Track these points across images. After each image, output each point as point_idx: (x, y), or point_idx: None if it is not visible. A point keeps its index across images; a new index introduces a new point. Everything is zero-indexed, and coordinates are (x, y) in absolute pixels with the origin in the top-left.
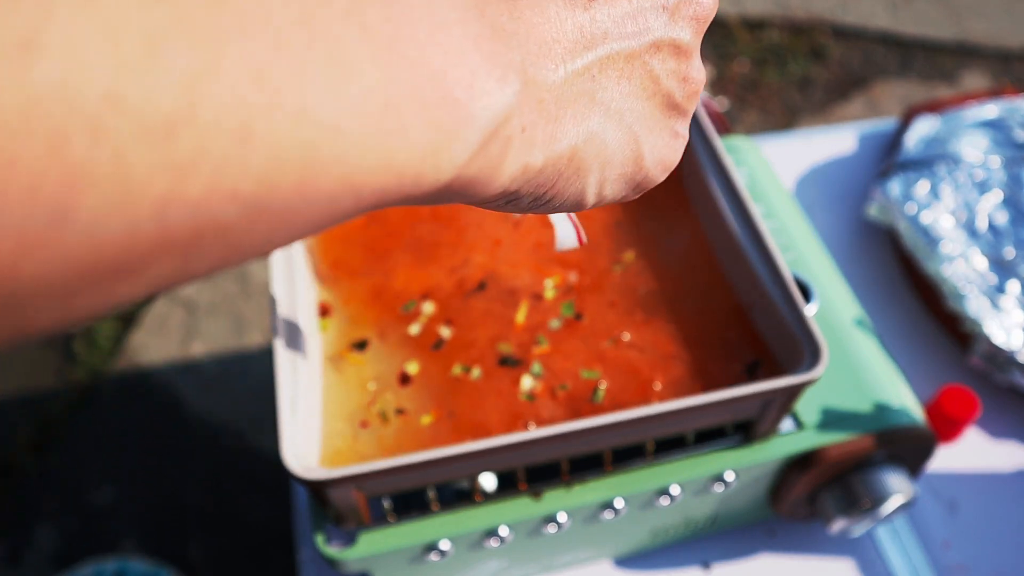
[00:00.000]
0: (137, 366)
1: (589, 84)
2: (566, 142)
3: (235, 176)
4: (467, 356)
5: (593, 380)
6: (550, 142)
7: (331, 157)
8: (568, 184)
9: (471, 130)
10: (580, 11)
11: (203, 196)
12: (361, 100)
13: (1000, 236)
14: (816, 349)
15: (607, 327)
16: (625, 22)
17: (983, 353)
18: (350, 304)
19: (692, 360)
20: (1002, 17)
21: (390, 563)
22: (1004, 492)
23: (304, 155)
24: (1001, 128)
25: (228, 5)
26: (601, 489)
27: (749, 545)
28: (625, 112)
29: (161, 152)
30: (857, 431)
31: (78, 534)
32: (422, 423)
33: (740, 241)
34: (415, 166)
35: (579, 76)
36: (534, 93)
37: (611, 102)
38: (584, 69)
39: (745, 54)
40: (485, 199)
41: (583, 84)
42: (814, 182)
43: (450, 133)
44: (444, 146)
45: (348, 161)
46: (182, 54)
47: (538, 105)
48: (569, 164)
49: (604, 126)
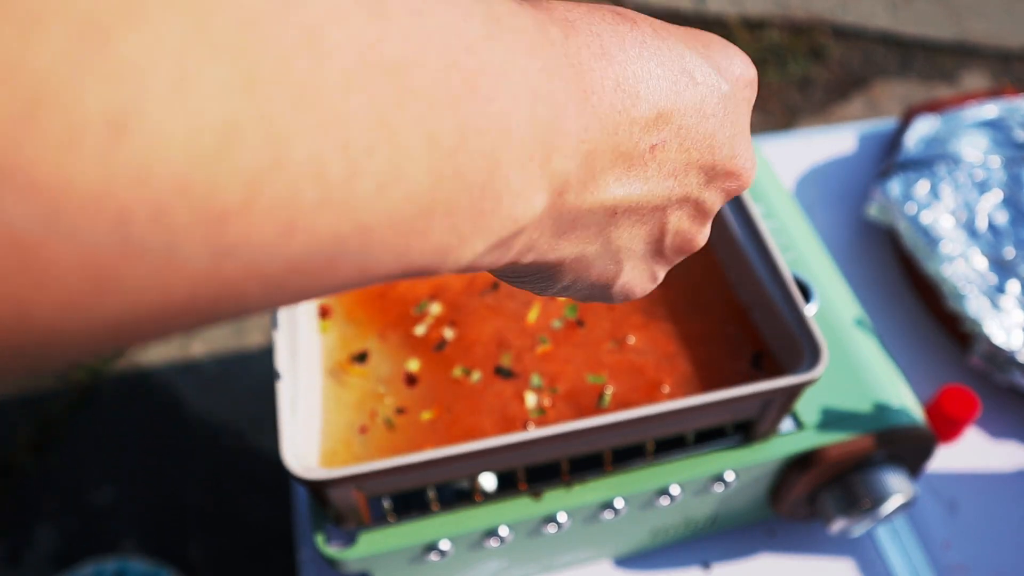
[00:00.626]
0: (137, 366)
1: (607, 220)
2: (557, 255)
3: (268, 262)
4: (469, 358)
5: (599, 385)
6: (545, 253)
7: (355, 249)
8: (538, 281)
9: (484, 237)
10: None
11: (235, 276)
12: (401, 204)
13: (1000, 236)
14: (816, 349)
15: (608, 328)
16: (669, 176)
17: (983, 353)
18: (351, 304)
19: (694, 360)
20: (1002, 17)
21: (390, 563)
22: (1004, 492)
23: (335, 249)
24: (1001, 128)
25: (307, 100)
26: (601, 489)
27: (749, 545)
28: (622, 249)
29: (210, 237)
30: (857, 431)
31: (78, 534)
32: (422, 419)
33: (740, 241)
34: (425, 262)
35: (604, 210)
36: (557, 210)
37: (617, 240)
38: (612, 207)
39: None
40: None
41: (602, 218)
42: (814, 182)
43: (466, 239)
44: (456, 249)
45: (368, 254)
46: (254, 149)
47: (554, 224)
48: (549, 268)
49: (598, 254)
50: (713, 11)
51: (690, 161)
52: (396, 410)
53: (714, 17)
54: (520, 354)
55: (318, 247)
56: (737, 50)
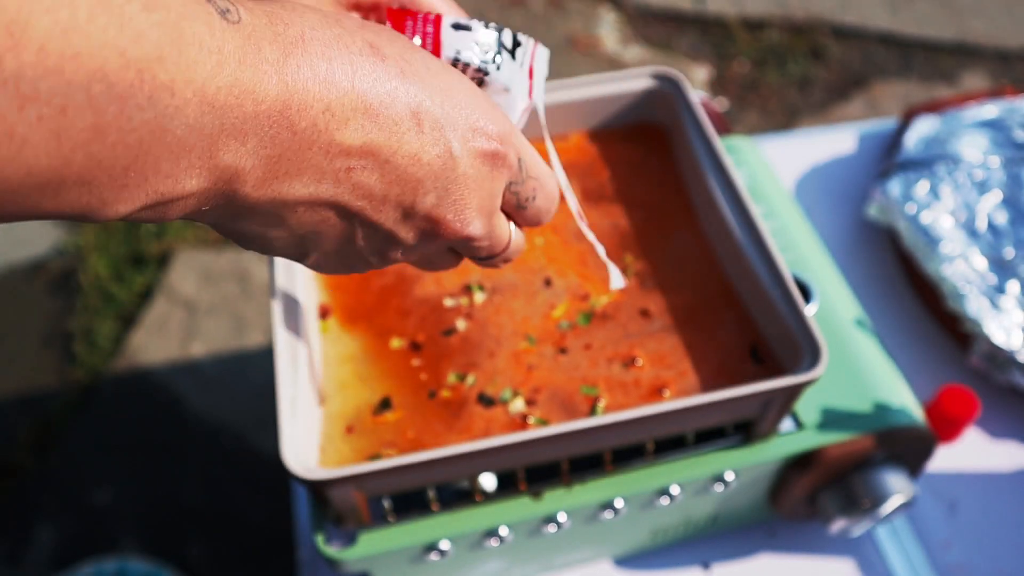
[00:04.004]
0: (137, 366)
1: (288, 212)
2: (237, 229)
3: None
4: (468, 361)
5: (592, 396)
6: (224, 224)
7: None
8: (233, 240)
9: (129, 204)
10: None
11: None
12: (21, 177)
13: (1000, 236)
14: (816, 349)
15: (609, 329)
16: (362, 198)
17: (983, 353)
18: (351, 304)
19: (694, 359)
20: (1002, 17)
21: (390, 563)
22: (1004, 492)
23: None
24: (1001, 128)
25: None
26: (601, 489)
27: (749, 545)
28: (307, 240)
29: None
30: (857, 431)
31: (78, 534)
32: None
33: (740, 241)
34: (70, 213)
35: (284, 205)
36: (228, 194)
37: (299, 230)
38: (292, 204)
39: (745, 54)
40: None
41: (284, 210)
42: (814, 182)
43: (108, 203)
44: (100, 209)
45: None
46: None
47: (227, 203)
48: (233, 235)
49: (281, 237)
50: (713, 11)
51: (388, 195)
52: (392, 409)
53: (714, 17)
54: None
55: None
56: (495, 130)
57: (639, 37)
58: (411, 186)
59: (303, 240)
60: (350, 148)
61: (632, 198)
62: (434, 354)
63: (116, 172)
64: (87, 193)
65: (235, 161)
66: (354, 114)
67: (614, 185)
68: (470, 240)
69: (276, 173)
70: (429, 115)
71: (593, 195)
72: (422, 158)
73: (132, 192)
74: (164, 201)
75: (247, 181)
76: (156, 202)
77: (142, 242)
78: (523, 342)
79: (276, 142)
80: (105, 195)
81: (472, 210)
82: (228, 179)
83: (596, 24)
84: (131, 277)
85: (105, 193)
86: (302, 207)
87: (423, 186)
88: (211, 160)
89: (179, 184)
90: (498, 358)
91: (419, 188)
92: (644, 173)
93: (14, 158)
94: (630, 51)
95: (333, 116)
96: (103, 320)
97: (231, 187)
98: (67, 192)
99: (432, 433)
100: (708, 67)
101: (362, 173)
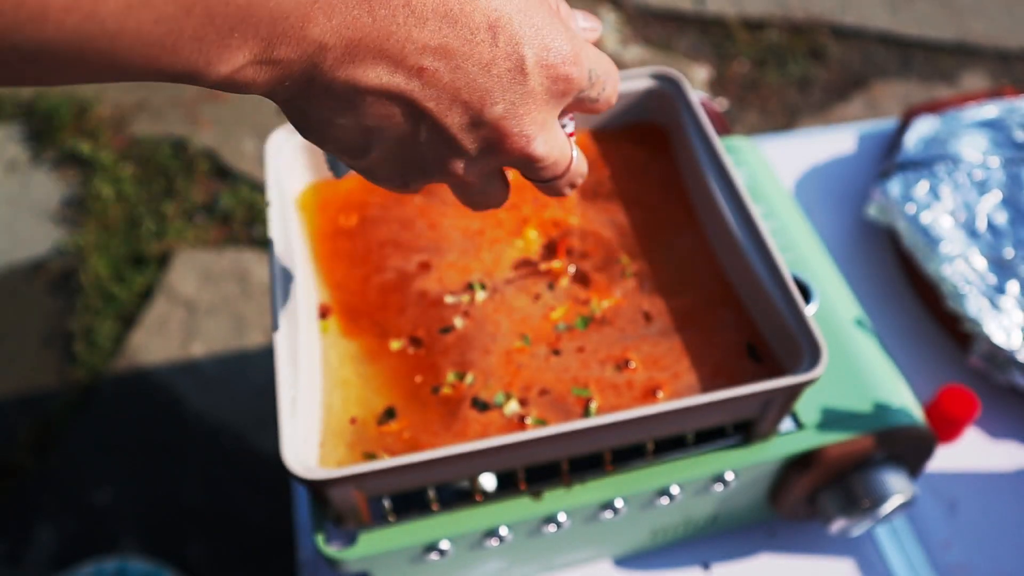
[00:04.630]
0: (137, 366)
1: (358, 98)
2: (306, 110)
3: (22, 40)
4: (465, 359)
5: (584, 398)
6: (296, 101)
7: (104, 48)
8: (297, 124)
9: (228, 66)
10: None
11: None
12: (149, 25)
13: (999, 236)
14: (816, 349)
15: (605, 334)
16: (430, 99)
17: (983, 353)
18: (351, 303)
19: (692, 360)
20: (1002, 17)
21: (390, 563)
22: (1004, 492)
23: (82, 43)
24: (1000, 128)
25: None
26: (601, 489)
27: (749, 545)
28: (373, 133)
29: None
30: (857, 431)
31: (78, 534)
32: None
33: (740, 241)
34: (177, 72)
35: (355, 90)
36: (309, 71)
37: (366, 121)
38: (363, 91)
39: (745, 54)
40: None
41: (354, 96)
42: (814, 182)
43: (212, 63)
44: (204, 69)
45: (117, 55)
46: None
47: (307, 80)
48: (298, 118)
49: (346, 127)
50: (713, 11)
51: (456, 99)
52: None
53: (714, 17)
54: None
55: (67, 38)
56: (568, 50)
57: (639, 37)
58: (479, 94)
59: (368, 132)
60: (425, 47)
61: (632, 198)
62: (433, 351)
63: (224, 31)
64: (197, 51)
65: (321, 36)
66: (433, 15)
67: (614, 184)
68: (532, 158)
69: (354, 56)
70: (506, 29)
71: (592, 194)
72: (493, 69)
73: (233, 54)
74: (258, 62)
75: (327, 58)
76: (251, 62)
77: (142, 242)
78: (518, 341)
79: (357, 25)
80: (211, 54)
81: (537, 126)
82: (312, 52)
83: None
84: (131, 277)
85: (211, 51)
86: (372, 96)
87: (491, 96)
88: (301, 31)
89: (273, 50)
90: (492, 355)
91: (487, 97)
92: (644, 173)
93: (146, 3)
94: (630, 51)
95: (412, 12)
96: (103, 320)
97: (313, 61)
98: (182, 47)
99: (430, 432)
100: (708, 67)
101: (435, 73)
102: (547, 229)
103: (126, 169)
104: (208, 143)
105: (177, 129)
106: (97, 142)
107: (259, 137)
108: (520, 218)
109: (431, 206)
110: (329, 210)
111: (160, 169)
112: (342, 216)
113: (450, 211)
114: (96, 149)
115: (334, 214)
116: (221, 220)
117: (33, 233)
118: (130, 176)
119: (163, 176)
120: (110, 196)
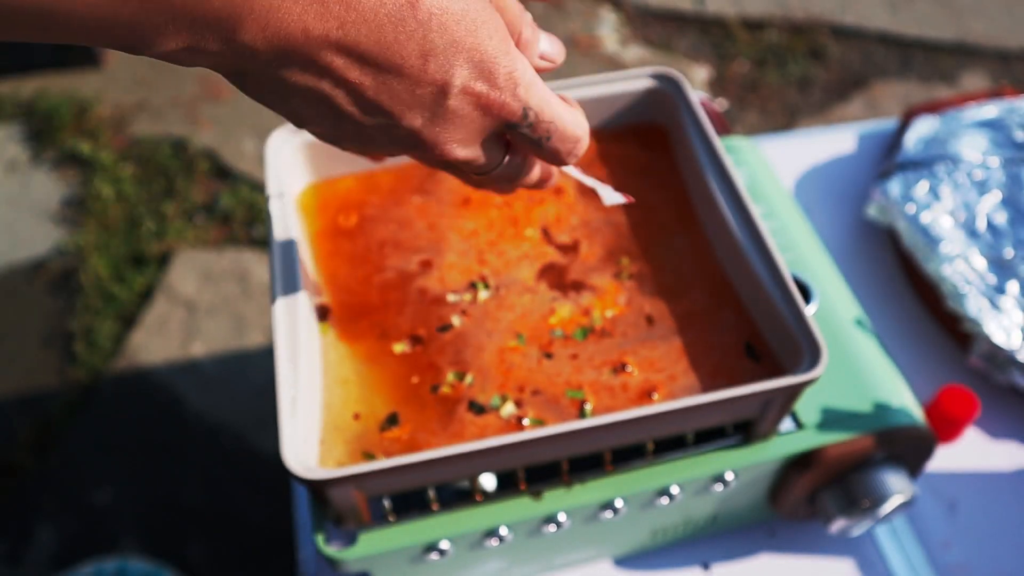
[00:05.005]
0: (137, 366)
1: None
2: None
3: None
4: (463, 360)
5: (578, 399)
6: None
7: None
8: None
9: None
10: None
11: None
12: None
13: (999, 236)
14: (816, 349)
15: (603, 345)
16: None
17: (983, 353)
18: (351, 303)
19: (691, 361)
20: (1002, 17)
21: (390, 563)
22: (1004, 492)
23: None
24: (1000, 128)
25: None
26: (601, 489)
27: (749, 545)
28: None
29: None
30: (857, 431)
31: (78, 534)
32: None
33: (740, 241)
34: (122, 43)
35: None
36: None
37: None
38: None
39: (745, 54)
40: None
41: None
42: (814, 182)
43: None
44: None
45: (72, 14)
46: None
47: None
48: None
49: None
50: (713, 11)
51: (378, 109)
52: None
53: (714, 17)
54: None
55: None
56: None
57: (639, 37)
58: (400, 108)
59: (300, 117)
60: (353, 63)
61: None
62: (430, 350)
63: (158, 23)
64: (132, 33)
65: (252, 42)
66: (367, 38)
67: (613, 184)
68: (457, 162)
69: (282, 63)
70: (439, 57)
71: (591, 193)
72: (417, 89)
73: (167, 40)
74: (191, 50)
75: (257, 60)
76: (184, 49)
77: (142, 242)
78: (512, 340)
79: (289, 38)
80: (147, 37)
81: (457, 141)
82: (242, 54)
83: (596, 24)
84: (131, 277)
85: (146, 35)
86: (299, 95)
87: (411, 110)
88: (232, 34)
89: (206, 45)
90: (486, 352)
91: (407, 112)
92: (643, 173)
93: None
94: (630, 51)
95: (345, 32)
96: (103, 320)
97: (243, 60)
98: (119, 29)
99: (429, 432)
100: (708, 67)
101: (360, 85)
102: (546, 229)
103: (126, 169)
104: (208, 143)
105: (177, 129)
106: (97, 142)
107: (259, 137)
108: (519, 218)
109: (430, 206)
110: (329, 210)
111: (160, 169)
112: (342, 216)
113: (449, 211)
114: (96, 149)
115: (334, 214)
116: (221, 220)
117: (33, 233)
118: (130, 176)
119: (163, 176)
120: (110, 196)
